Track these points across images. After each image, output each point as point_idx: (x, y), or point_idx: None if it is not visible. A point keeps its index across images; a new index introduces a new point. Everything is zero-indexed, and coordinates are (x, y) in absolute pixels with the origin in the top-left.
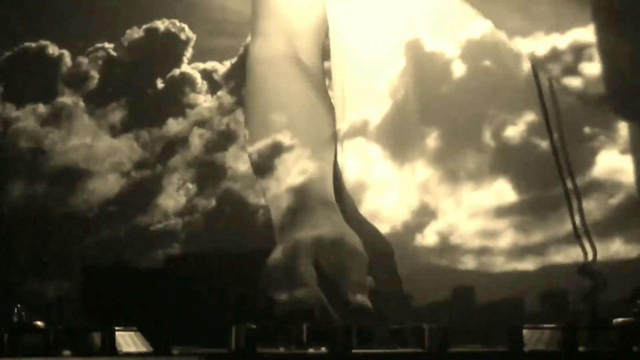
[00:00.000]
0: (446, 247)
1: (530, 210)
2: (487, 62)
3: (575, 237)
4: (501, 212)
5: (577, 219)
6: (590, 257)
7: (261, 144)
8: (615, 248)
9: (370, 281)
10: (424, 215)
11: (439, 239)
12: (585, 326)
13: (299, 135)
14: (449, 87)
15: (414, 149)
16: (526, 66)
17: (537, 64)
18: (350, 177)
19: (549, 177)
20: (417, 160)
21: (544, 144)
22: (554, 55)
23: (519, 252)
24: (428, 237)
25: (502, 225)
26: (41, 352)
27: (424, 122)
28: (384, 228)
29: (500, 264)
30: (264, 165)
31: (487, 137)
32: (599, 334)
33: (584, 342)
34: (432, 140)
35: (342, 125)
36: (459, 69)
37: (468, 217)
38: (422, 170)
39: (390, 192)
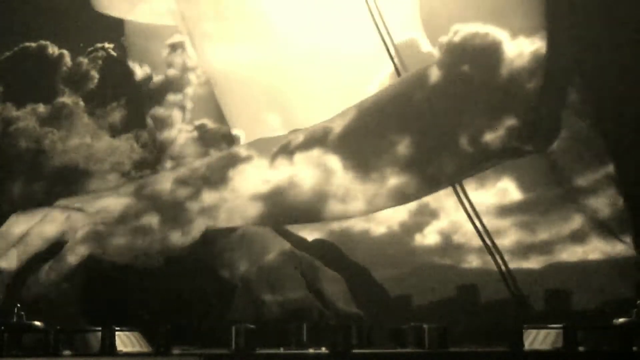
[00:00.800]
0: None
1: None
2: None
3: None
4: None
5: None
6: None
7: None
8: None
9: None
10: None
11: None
12: (585, 326)
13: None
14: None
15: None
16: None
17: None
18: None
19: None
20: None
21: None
22: None
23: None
24: (429, 237)
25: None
26: (41, 352)
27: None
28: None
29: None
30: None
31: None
32: (599, 334)
33: (584, 342)
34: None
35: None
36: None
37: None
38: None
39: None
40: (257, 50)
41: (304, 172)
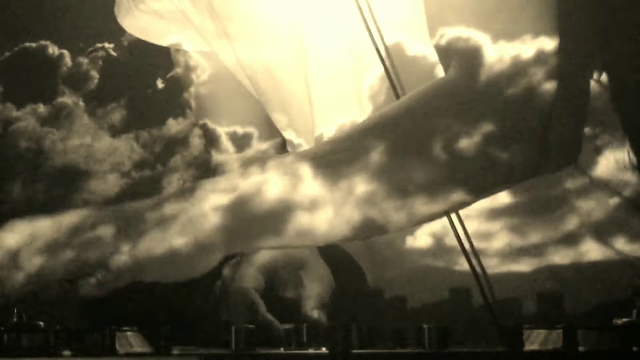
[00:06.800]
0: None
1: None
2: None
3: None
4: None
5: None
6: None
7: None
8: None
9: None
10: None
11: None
12: (585, 326)
13: None
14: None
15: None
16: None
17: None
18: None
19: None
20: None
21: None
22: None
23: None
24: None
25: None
26: (41, 352)
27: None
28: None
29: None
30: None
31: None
32: (599, 334)
33: (584, 342)
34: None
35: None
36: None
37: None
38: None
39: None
40: (265, 49)
41: (274, 182)
